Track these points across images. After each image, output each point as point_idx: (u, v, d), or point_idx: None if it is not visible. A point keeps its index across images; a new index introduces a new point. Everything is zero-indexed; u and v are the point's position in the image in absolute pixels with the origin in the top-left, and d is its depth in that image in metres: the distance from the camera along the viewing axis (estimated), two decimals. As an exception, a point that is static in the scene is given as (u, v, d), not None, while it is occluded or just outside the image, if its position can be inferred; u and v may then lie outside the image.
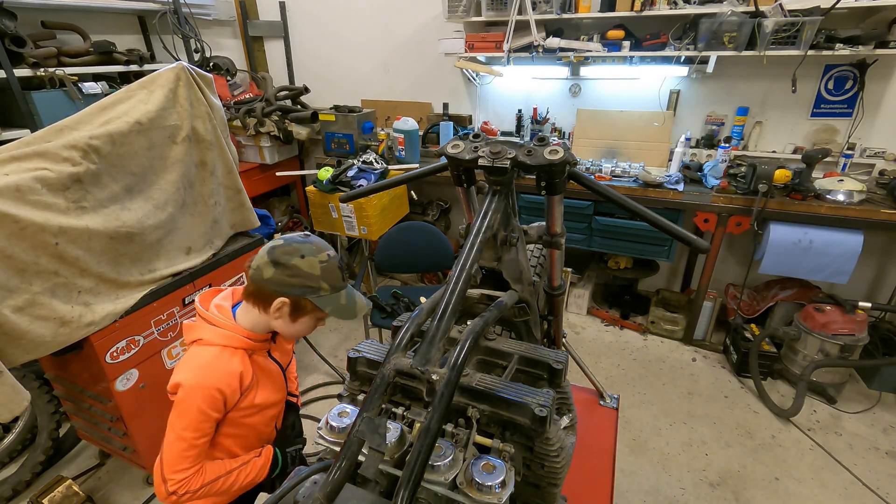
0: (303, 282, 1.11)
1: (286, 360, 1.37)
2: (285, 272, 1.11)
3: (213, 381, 1.09)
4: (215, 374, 1.10)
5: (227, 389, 1.11)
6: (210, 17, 3.69)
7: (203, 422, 1.10)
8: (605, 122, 3.35)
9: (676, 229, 0.80)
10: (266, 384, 1.24)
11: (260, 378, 1.21)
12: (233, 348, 1.15)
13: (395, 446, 0.70)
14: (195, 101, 2.07)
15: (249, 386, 1.17)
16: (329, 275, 1.14)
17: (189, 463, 1.09)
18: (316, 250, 1.14)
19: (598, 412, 1.98)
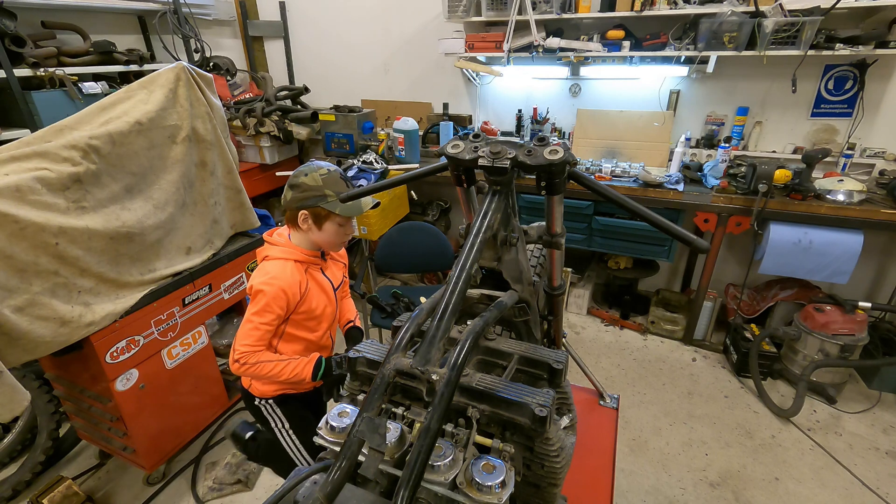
0: (312, 193, 1.42)
1: (337, 281, 1.67)
2: (297, 190, 1.43)
3: (279, 283, 1.41)
4: (280, 278, 1.43)
5: (289, 291, 1.43)
6: (210, 17, 3.69)
7: (268, 312, 1.42)
8: (605, 122, 3.35)
9: (676, 229, 0.80)
10: (320, 295, 1.56)
11: (314, 289, 1.52)
12: (293, 261, 1.48)
13: (395, 446, 0.70)
14: (195, 101, 2.07)
15: (305, 293, 1.48)
16: (331, 183, 1.42)
17: (252, 341, 1.42)
18: (316, 168, 1.44)
19: (598, 412, 1.98)
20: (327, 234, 1.49)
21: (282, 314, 1.45)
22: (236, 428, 1.86)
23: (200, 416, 2.44)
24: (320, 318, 1.57)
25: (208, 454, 2.43)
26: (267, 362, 1.44)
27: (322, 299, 1.56)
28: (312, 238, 1.50)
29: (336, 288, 1.66)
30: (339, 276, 1.70)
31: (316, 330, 1.59)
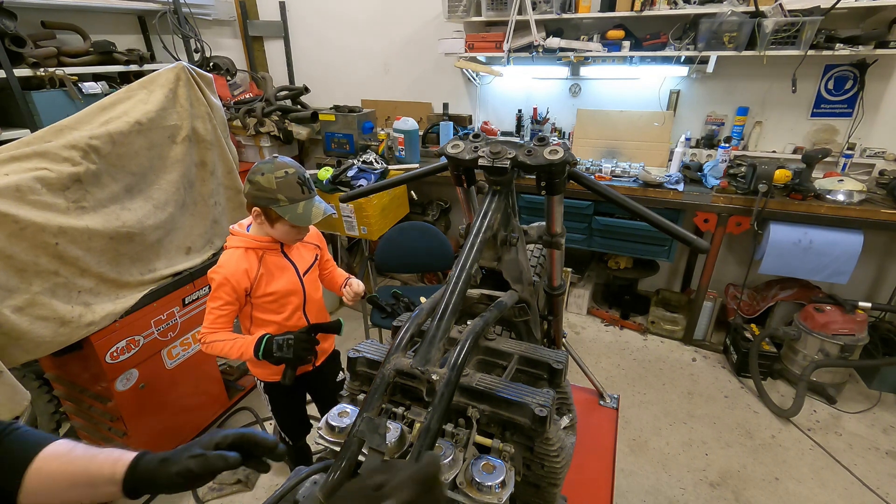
0: (264, 194, 1.43)
1: (305, 262, 1.68)
2: (252, 187, 1.44)
3: (222, 272, 1.50)
4: (224, 267, 1.51)
5: (232, 278, 1.50)
6: (210, 17, 3.69)
7: (217, 298, 1.51)
8: (605, 122, 3.35)
9: (676, 229, 0.80)
10: (279, 277, 1.59)
11: (273, 272, 1.57)
12: (243, 249, 1.53)
13: (395, 446, 0.70)
14: (195, 101, 2.07)
15: (257, 277, 1.54)
16: (285, 188, 1.42)
17: (208, 323, 1.53)
18: (274, 168, 1.43)
19: (598, 412, 1.98)
20: (279, 232, 1.53)
21: (231, 299, 1.52)
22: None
23: (200, 415, 2.43)
24: (283, 300, 1.61)
25: (208, 454, 2.43)
26: (219, 342, 1.52)
27: (282, 282, 1.59)
28: (266, 231, 1.55)
29: (306, 270, 1.67)
30: (309, 257, 1.71)
31: (281, 312, 1.63)
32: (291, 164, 1.47)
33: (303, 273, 1.66)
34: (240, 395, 2.71)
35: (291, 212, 1.44)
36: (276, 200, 1.43)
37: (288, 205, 1.43)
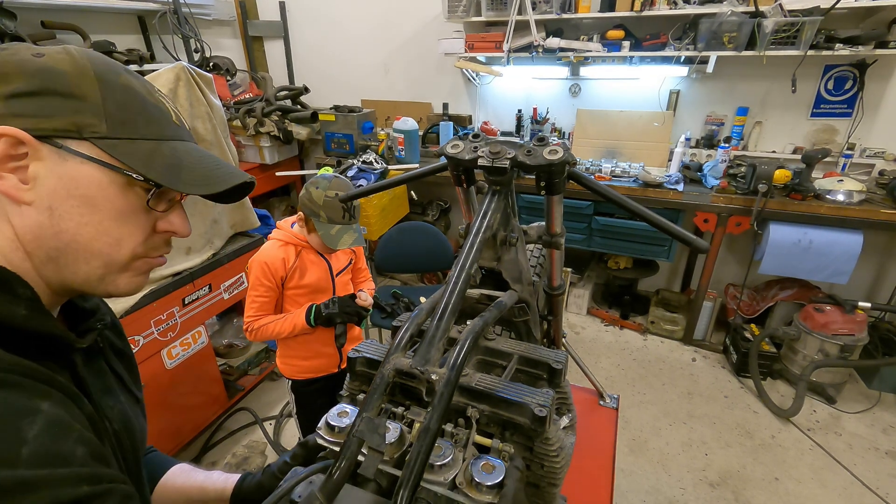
0: (310, 206, 1.56)
1: (339, 264, 1.78)
2: (304, 195, 1.58)
3: (261, 258, 1.62)
4: (263, 253, 1.63)
5: (270, 264, 1.61)
6: (210, 17, 3.69)
7: (258, 285, 1.63)
8: (604, 123, 3.35)
9: (676, 229, 0.80)
10: (312, 273, 1.68)
11: (306, 266, 1.67)
12: (283, 242, 1.65)
13: (395, 446, 0.70)
14: (195, 101, 2.07)
15: (293, 269, 1.65)
16: (328, 208, 1.54)
17: (252, 311, 1.65)
18: (329, 187, 1.55)
19: (597, 412, 1.98)
20: (314, 241, 1.66)
21: (270, 285, 1.64)
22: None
23: (200, 415, 2.43)
24: (313, 295, 1.71)
25: (208, 454, 2.43)
26: (269, 323, 1.65)
27: (314, 277, 1.69)
28: (305, 234, 1.67)
29: (339, 272, 1.77)
30: (344, 259, 1.81)
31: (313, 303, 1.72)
32: (347, 187, 1.58)
33: (336, 273, 1.75)
34: (240, 395, 2.71)
35: (325, 230, 1.56)
36: (317, 215, 1.56)
37: (325, 223, 1.56)
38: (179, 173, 0.53)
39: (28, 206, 0.47)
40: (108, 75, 0.50)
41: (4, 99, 0.45)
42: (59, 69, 0.48)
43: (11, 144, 0.45)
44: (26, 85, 0.46)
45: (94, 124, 0.49)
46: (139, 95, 0.53)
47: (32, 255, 0.49)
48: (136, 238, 0.54)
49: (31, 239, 0.48)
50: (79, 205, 0.49)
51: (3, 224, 0.48)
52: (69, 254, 0.50)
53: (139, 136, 0.52)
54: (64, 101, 0.47)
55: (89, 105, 0.48)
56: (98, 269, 0.52)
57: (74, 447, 0.44)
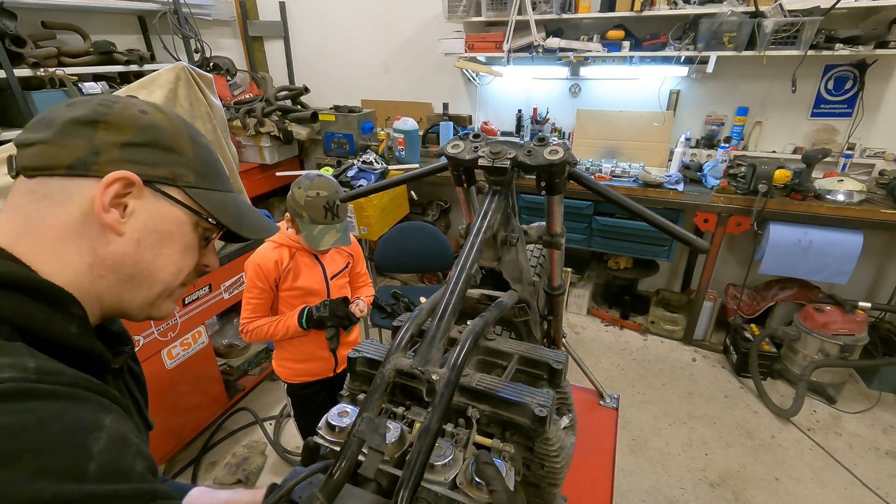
0: (293, 206, 1.55)
1: (335, 266, 1.76)
2: (290, 195, 1.57)
3: (255, 259, 1.62)
4: (257, 255, 1.63)
5: (263, 265, 1.61)
6: (210, 17, 3.69)
7: (253, 287, 1.63)
8: (604, 123, 3.35)
9: (676, 229, 0.80)
10: (306, 275, 1.67)
11: (300, 269, 1.66)
12: (277, 244, 1.64)
13: (395, 446, 0.70)
14: (195, 102, 2.07)
15: (286, 270, 1.64)
16: (311, 208, 1.52)
17: (247, 313, 1.66)
18: (311, 186, 1.53)
19: (597, 412, 1.98)
20: (300, 240, 1.64)
21: (264, 286, 1.64)
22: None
23: (200, 416, 2.43)
24: (307, 298, 1.70)
25: (208, 454, 2.43)
26: (263, 325, 1.65)
27: (308, 279, 1.68)
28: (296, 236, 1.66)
29: (334, 275, 1.75)
30: (340, 262, 1.79)
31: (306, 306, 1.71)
32: (329, 186, 1.54)
33: (330, 276, 1.74)
34: (240, 395, 2.71)
35: (308, 230, 1.54)
36: (300, 215, 1.54)
37: (308, 223, 1.53)
38: (241, 220, 0.67)
39: (119, 237, 0.56)
40: (197, 137, 0.63)
41: (120, 146, 0.55)
42: (162, 126, 0.58)
43: (124, 186, 0.54)
44: (138, 137, 0.56)
45: (186, 175, 0.60)
46: (214, 155, 0.67)
47: (103, 279, 0.56)
48: (190, 268, 0.65)
49: (110, 265, 0.56)
50: (160, 238, 0.59)
51: (85, 250, 0.54)
52: (139, 279, 0.59)
53: (214, 188, 0.64)
54: (166, 153, 0.58)
55: (184, 159, 0.60)
56: (155, 294, 0.61)
57: (134, 462, 0.46)
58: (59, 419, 0.42)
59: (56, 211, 0.53)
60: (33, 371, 0.43)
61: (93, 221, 0.54)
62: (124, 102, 0.57)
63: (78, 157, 0.53)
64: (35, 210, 0.53)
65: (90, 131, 0.54)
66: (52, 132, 0.53)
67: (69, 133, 0.53)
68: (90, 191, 0.53)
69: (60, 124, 0.54)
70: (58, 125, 0.54)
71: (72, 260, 0.53)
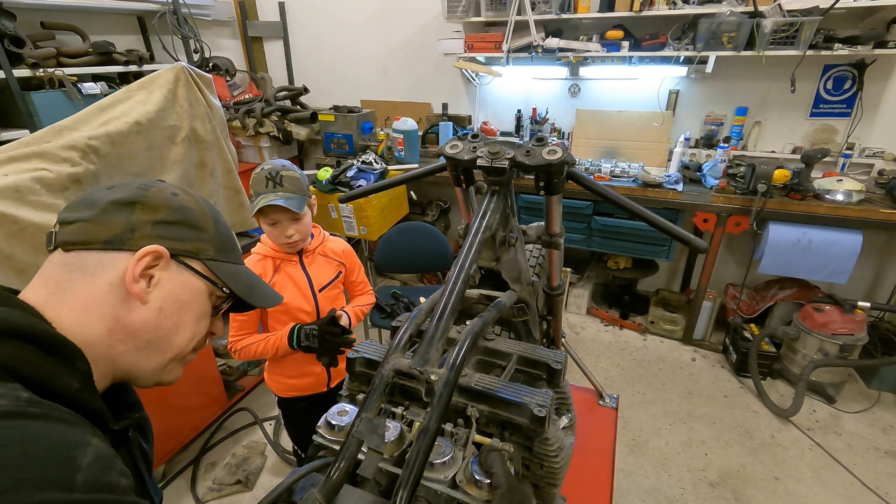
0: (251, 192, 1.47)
1: (324, 277, 1.64)
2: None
3: None
4: None
5: None
6: (209, 17, 3.69)
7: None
8: (604, 123, 3.35)
9: (675, 229, 0.80)
10: (291, 290, 1.58)
11: (285, 282, 1.57)
12: (260, 256, 1.57)
13: (395, 445, 0.70)
14: (194, 102, 2.07)
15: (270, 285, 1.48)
16: (255, 183, 1.44)
17: (235, 330, 1.58)
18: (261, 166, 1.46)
19: (597, 412, 1.98)
20: (266, 233, 1.53)
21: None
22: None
23: (200, 416, 2.43)
24: (293, 314, 1.60)
25: (208, 455, 2.43)
26: (252, 344, 1.57)
27: (293, 295, 1.58)
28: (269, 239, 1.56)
29: (323, 287, 1.64)
30: (330, 272, 1.67)
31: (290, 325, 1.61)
32: (277, 162, 1.46)
33: (318, 289, 1.63)
34: (239, 395, 2.71)
35: (254, 207, 1.43)
36: (249, 198, 1.46)
37: (254, 198, 1.43)
38: (252, 291, 0.73)
39: (143, 305, 0.60)
40: (217, 217, 0.70)
41: (153, 224, 0.61)
42: (190, 207, 0.66)
43: (154, 258, 0.60)
44: (170, 216, 0.63)
45: (207, 249, 0.66)
46: (231, 232, 0.73)
47: (122, 344, 0.59)
48: (201, 335, 0.68)
49: (130, 331, 0.59)
50: (180, 307, 0.63)
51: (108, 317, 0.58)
52: (156, 345, 0.62)
53: (230, 261, 0.70)
54: (192, 230, 0.65)
55: (207, 235, 0.67)
56: (168, 358, 0.64)
57: (119, 479, 0.49)
58: (47, 436, 0.45)
59: (87, 281, 0.57)
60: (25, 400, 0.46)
61: (119, 291, 0.58)
62: (159, 186, 0.64)
63: (115, 234, 0.59)
64: (67, 280, 0.57)
65: (128, 211, 0.60)
66: (93, 212, 0.59)
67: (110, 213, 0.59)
68: (123, 263, 0.58)
69: (102, 205, 0.60)
70: (100, 206, 0.59)
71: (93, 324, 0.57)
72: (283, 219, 1.46)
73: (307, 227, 1.53)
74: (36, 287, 0.58)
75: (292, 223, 1.48)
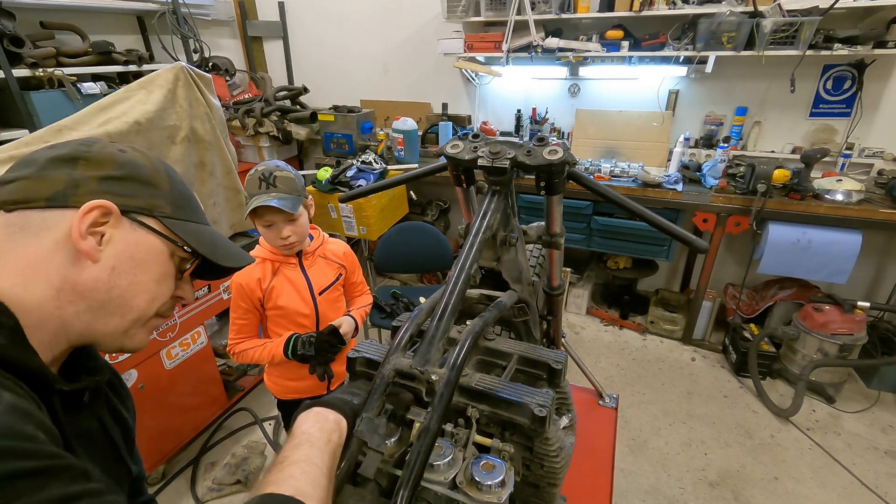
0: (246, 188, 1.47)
1: (324, 280, 1.63)
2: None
3: (237, 279, 1.53)
4: (240, 274, 1.52)
5: (244, 283, 1.52)
6: (209, 17, 3.69)
7: (237, 307, 1.55)
8: (604, 123, 3.35)
9: (675, 229, 0.81)
10: (290, 293, 1.56)
11: (284, 286, 1.56)
12: (261, 259, 1.55)
13: (395, 446, 0.70)
14: (194, 102, 2.07)
15: (268, 288, 1.54)
16: (249, 185, 1.43)
17: (234, 334, 1.58)
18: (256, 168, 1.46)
19: (597, 412, 1.98)
20: (262, 235, 1.52)
21: (248, 307, 1.55)
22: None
23: (199, 416, 2.43)
24: (293, 317, 1.59)
25: (207, 454, 2.43)
26: (250, 349, 1.57)
27: (292, 298, 1.56)
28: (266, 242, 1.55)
29: (323, 290, 1.62)
30: (330, 274, 1.65)
31: (293, 329, 1.60)
32: (272, 163, 1.44)
33: (318, 292, 1.61)
34: (239, 395, 2.71)
35: (248, 208, 1.43)
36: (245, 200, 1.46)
37: (248, 200, 1.42)
38: (216, 249, 0.69)
39: (94, 263, 0.57)
40: (172, 174, 0.67)
41: (98, 180, 0.58)
42: (140, 163, 0.63)
43: (102, 214, 0.57)
44: (116, 171, 0.60)
45: (163, 206, 0.63)
46: (190, 191, 0.71)
47: (72, 304, 0.56)
48: (164, 298, 0.65)
49: (80, 291, 0.57)
50: (135, 266, 0.61)
51: (53, 277, 0.55)
52: (112, 306, 0.59)
53: (189, 220, 0.67)
54: (143, 187, 0.62)
55: (161, 192, 0.64)
56: (128, 322, 0.62)
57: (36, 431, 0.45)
58: None
59: (30, 241, 0.55)
60: None
61: (65, 250, 0.55)
62: (103, 143, 0.61)
63: (57, 190, 0.56)
64: (9, 241, 0.54)
65: (70, 167, 0.57)
66: (33, 169, 0.56)
67: (50, 169, 0.57)
68: (67, 221, 0.55)
69: (42, 162, 0.57)
70: (39, 163, 0.57)
71: (37, 285, 0.54)
72: (278, 220, 1.44)
73: (304, 228, 1.51)
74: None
75: (287, 224, 1.46)
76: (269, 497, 0.49)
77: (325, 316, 1.64)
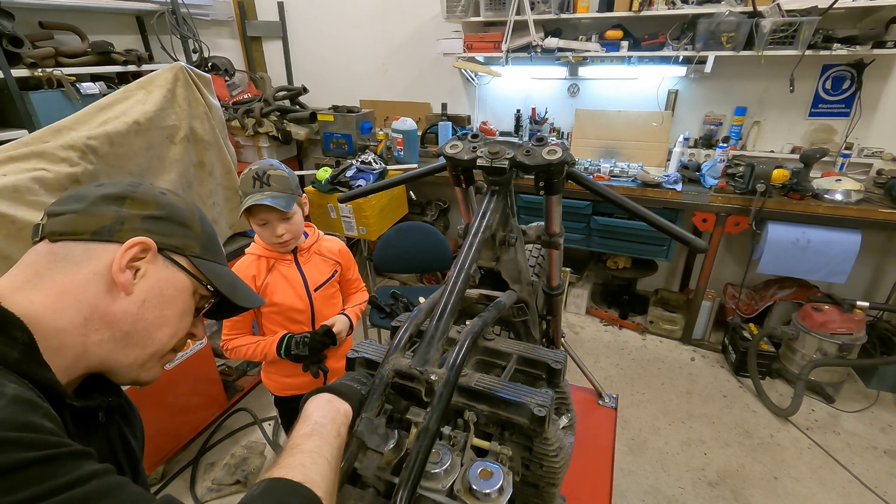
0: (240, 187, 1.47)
1: (319, 276, 1.63)
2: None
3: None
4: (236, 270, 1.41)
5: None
6: (208, 17, 3.68)
7: None
8: (603, 122, 3.35)
9: (675, 229, 0.81)
10: (285, 290, 1.57)
11: (279, 283, 1.56)
12: (255, 256, 1.57)
13: (392, 453, 0.69)
14: (193, 102, 2.07)
15: (263, 286, 1.55)
16: (243, 184, 1.44)
17: (228, 330, 1.58)
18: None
19: (596, 412, 1.98)
20: (257, 233, 1.53)
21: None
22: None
23: (199, 416, 2.43)
24: (288, 314, 1.59)
25: (207, 455, 2.43)
26: (242, 346, 1.58)
27: (287, 295, 1.57)
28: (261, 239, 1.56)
29: (319, 286, 1.63)
30: (326, 271, 1.66)
31: (288, 326, 1.61)
32: (266, 162, 1.45)
33: (314, 288, 1.62)
34: (238, 395, 2.70)
35: (242, 207, 1.43)
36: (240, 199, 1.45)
37: (243, 199, 1.43)
38: (235, 290, 0.74)
39: (127, 296, 0.60)
40: (204, 218, 0.73)
41: (142, 219, 0.63)
42: (178, 205, 0.68)
43: (142, 250, 0.61)
44: (158, 211, 0.65)
45: (193, 246, 0.68)
46: (215, 233, 0.75)
47: (96, 333, 0.59)
48: (182, 333, 0.69)
49: (109, 320, 0.59)
50: (162, 301, 0.64)
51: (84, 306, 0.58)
52: (136, 338, 0.62)
53: (215, 260, 0.72)
54: (179, 227, 0.67)
55: (194, 234, 0.69)
56: (147, 354, 0.64)
57: (42, 420, 0.47)
58: None
59: (69, 270, 0.58)
60: None
61: (101, 281, 0.59)
62: (148, 185, 0.67)
63: (104, 225, 0.60)
64: (49, 269, 0.58)
65: (118, 205, 0.62)
66: (83, 205, 0.61)
67: (99, 205, 0.61)
68: (109, 255, 0.60)
69: (92, 198, 0.61)
70: (89, 200, 0.61)
71: (67, 311, 0.57)
72: (272, 218, 1.45)
73: (298, 226, 1.52)
74: (12, 275, 0.58)
75: (282, 222, 1.47)
76: (280, 481, 0.51)
77: (321, 313, 1.65)
